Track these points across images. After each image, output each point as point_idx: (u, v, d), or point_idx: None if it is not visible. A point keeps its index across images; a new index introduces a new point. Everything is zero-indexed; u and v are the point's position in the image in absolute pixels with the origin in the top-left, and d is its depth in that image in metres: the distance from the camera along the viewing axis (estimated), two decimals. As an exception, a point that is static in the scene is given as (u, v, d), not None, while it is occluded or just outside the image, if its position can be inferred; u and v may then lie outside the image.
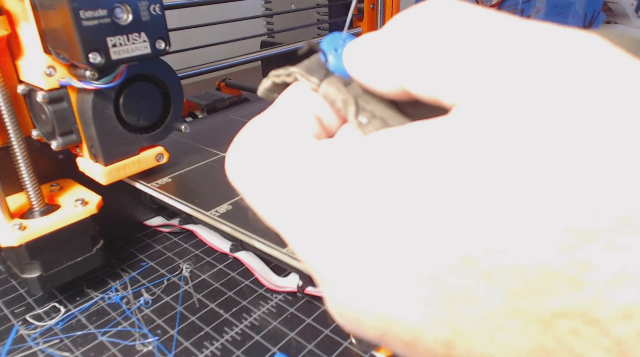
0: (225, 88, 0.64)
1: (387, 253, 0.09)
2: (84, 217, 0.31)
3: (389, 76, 0.11)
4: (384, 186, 0.09)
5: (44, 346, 0.28)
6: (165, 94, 0.32)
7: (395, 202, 0.09)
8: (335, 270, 0.11)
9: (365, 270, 0.10)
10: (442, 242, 0.09)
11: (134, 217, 0.40)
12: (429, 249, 0.09)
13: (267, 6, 0.68)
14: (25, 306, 0.32)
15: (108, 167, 0.30)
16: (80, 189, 0.34)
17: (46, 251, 0.30)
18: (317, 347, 0.27)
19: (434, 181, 0.09)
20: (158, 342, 0.28)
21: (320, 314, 0.30)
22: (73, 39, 0.25)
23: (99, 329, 0.30)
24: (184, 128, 0.33)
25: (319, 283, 0.12)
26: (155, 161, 0.33)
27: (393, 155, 0.10)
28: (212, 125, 0.45)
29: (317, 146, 0.12)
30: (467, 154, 0.09)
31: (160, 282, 0.34)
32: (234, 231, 0.26)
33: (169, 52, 0.29)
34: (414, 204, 0.09)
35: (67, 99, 0.29)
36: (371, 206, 0.10)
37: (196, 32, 0.54)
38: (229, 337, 0.28)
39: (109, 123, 0.29)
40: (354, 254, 0.10)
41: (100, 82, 0.27)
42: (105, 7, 0.25)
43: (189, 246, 0.38)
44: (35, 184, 0.30)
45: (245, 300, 0.31)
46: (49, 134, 0.30)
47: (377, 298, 0.10)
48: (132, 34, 0.27)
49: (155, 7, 0.27)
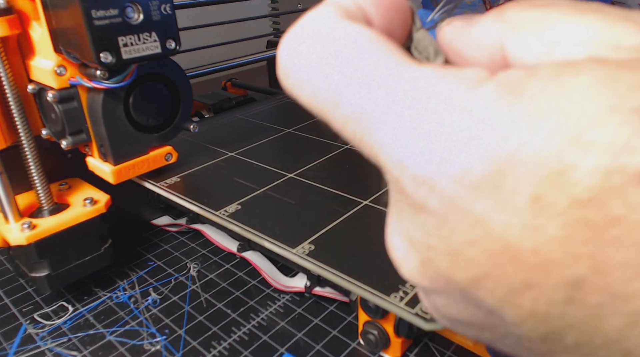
0: (231, 88, 0.64)
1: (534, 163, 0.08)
2: (93, 217, 0.31)
3: (491, 35, 0.12)
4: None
5: (52, 345, 0.28)
6: (174, 93, 0.32)
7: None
8: (453, 171, 0.09)
9: (497, 181, 0.09)
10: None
11: (141, 217, 0.40)
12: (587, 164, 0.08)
13: (273, 6, 0.68)
14: (34, 304, 0.32)
15: (117, 166, 0.30)
16: (89, 188, 0.34)
17: (55, 250, 0.30)
18: (325, 347, 0.27)
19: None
20: (166, 341, 0.28)
21: (328, 315, 0.30)
22: (84, 38, 0.25)
23: (107, 328, 0.30)
24: (192, 128, 0.34)
25: (410, 190, 0.10)
26: (164, 161, 0.33)
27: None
28: (219, 124, 0.45)
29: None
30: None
31: (168, 281, 0.34)
32: (243, 231, 0.26)
33: (179, 52, 0.29)
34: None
35: (77, 98, 0.29)
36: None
37: (203, 32, 0.54)
38: (237, 337, 0.28)
39: (119, 122, 0.29)
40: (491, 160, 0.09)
41: (111, 81, 0.27)
42: (116, 7, 0.25)
43: (196, 246, 0.38)
44: (44, 183, 0.30)
45: (253, 300, 0.31)
46: (58, 133, 0.30)
47: (504, 218, 0.09)
48: (143, 34, 0.27)
49: (165, 6, 0.27)
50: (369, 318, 0.26)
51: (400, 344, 0.26)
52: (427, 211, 0.10)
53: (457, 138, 0.09)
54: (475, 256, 0.09)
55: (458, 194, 0.09)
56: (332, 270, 0.23)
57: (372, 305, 0.25)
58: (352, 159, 0.36)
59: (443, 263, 0.10)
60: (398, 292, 0.21)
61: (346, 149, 0.37)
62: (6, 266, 0.36)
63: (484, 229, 0.09)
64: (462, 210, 0.09)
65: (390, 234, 0.12)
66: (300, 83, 0.12)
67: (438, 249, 0.10)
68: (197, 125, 0.34)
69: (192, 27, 0.51)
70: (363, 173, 0.33)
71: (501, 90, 0.09)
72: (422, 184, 0.10)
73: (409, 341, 0.27)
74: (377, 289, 0.21)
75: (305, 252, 0.24)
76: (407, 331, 0.25)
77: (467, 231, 0.09)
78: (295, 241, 0.25)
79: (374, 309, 0.25)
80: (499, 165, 0.09)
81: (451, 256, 0.10)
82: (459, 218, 0.09)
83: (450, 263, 0.10)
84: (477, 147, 0.09)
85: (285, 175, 0.33)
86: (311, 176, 0.33)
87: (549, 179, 0.08)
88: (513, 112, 0.09)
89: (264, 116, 0.47)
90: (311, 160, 0.35)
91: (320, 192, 0.31)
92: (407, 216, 0.11)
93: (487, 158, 0.09)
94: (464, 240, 0.09)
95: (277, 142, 0.40)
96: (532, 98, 0.09)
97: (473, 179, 0.09)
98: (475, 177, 0.09)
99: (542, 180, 0.08)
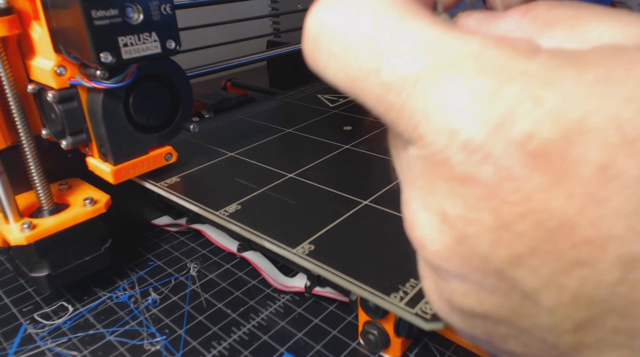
0: (231, 88, 0.64)
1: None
2: (93, 216, 0.31)
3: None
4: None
5: (52, 345, 0.28)
6: (174, 93, 0.32)
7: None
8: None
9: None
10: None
11: (141, 216, 0.40)
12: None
13: (273, 6, 0.68)
14: (33, 304, 0.32)
15: (117, 166, 0.30)
16: (89, 188, 0.34)
17: (55, 250, 0.30)
18: (325, 347, 0.27)
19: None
20: (166, 341, 0.28)
21: (328, 315, 0.30)
22: (84, 38, 0.25)
23: (107, 328, 0.30)
24: (192, 128, 0.34)
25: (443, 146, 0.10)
26: (164, 161, 0.33)
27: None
28: (219, 124, 0.45)
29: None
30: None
31: (168, 281, 0.34)
32: (243, 231, 0.26)
33: (179, 52, 0.29)
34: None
35: (77, 98, 0.29)
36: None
37: (202, 32, 0.54)
38: (237, 337, 0.28)
39: (119, 123, 0.29)
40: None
41: (111, 81, 0.27)
42: (116, 7, 0.25)
43: (196, 246, 0.38)
44: (44, 183, 0.30)
45: (253, 300, 0.31)
46: (58, 133, 0.30)
47: (565, 189, 0.08)
48: (143, 34, 0.27)
49: (166, 6, 0.27)
50: (369, 318, 0.26)
51: (400, 344, 0.26)
52: (475, 182, 0.09)
53: (519, 102, 0.09)
54: (525, 230, 0.09)
55: (516, 161, 0.09)
56: (332, 270, 0.23)
57: (372, 305, 0.25)
58: (352, 159, 0.36)
59: (484, 239, 0.09)
60: (398, 292, 0.21)
61: (346, 149, 0.37)
62: (6, 266, 0.36)
63: (541, 200, 0.09)
64: (519, 179, 0.09)
65: (413, 212, 0.11)
66: (334, 50, 0.11)
67: (481, 224, 0.09)
68: (197, 125, 0.34)
69: (192, 27, 0.51)
70: (363, 173, 0.33)
71: (563, 59, 0.09)
72: (475, 151, 0.09)
73: (409, 341, 0.27)
74: (377, 289, 0.21)
75: (305, 252, 0.24)
76: (407, 331, 0.25)
77: (521, 202, 0.09)
78: (295, 241, 0.25)
79: (374, 309, 0.25)
80: (566, 131, 0.08)
81: (496, 230, 0.09)
82: (513, 188, 0.09)
83: (493, 239, 0.09)
84: (542, 112, 0.08)
85: (285, 175, 0.33)
86: (311, 176, 0.33)
87: (620, 147, 0.08)
88: (583, 79, 0.08)
89: (264, 116, 0.47)
90: (311, 160, 0.35)
91: (320, 192, 0.31)
92: (444, 189, 0.10)
93: (554, 123, 0.08)
94: (515, 212, 0.09)
95: (277, 142, 0.40)
96: (601, 66, 0.08)
97: (536, 145, 0.08)
98: (538, 143, 0.08)
99: (613, 148, 0.08)
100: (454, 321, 0.12)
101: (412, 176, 0.11)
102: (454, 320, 0.12)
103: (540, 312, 0.09)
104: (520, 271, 0.09)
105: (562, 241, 0.08)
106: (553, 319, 0.09)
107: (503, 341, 0.11)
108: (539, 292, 0.09)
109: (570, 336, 0.09)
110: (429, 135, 0.10)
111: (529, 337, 0.10)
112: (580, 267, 0.08)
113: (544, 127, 0.08)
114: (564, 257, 0.09)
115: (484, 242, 0.09)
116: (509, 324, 0.10)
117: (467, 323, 0.12)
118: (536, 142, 0.08)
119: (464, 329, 0.12)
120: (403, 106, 0.10)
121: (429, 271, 0.12)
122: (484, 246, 0.09)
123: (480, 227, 0.09)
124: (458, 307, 0.11)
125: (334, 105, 0.49)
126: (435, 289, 0.12)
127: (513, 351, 0.11)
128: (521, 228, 0.09)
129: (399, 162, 0.12)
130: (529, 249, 0.09)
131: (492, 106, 0.09)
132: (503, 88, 0.09)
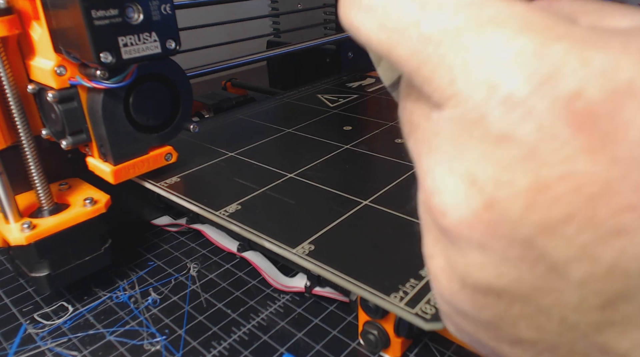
0: (231, 88, 0.64)
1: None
2: (93, 216, 0.31)
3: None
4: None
5: (52, 345, 0.28)
6: (174, 93, 0.32)
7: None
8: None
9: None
10: None
11: (141, 216, 0.40)
12: None
13: (273, 6, 0.68)
14: (33, 304, 0.32)
15: (117, 166, 0.30)
16: (89, 188, 0.34)
17: (55, 250, 0.30)
18: (325, 347, 0.27)
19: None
20: (166, 341, 0.28)
21: (328, 315, 0.30)
22: (84, 38, 0.25)
23: (107, 328, 0.30)
24: (192, 128, 0.34)
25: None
26: (164, 161, 0.33)
27: None
28: (219, 124, 0.45)
29: None
30: None
31: (168, 281, 0.34)
32: (243, 231, 0.26)
33: (179, 52, 0.29)
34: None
35: (77, 98, 0.29)
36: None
37: (202, 32, 0.54)
38: (237, 337, 0.28)
39: (119, 123, 0.29)
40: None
41: (111, 81, 0.27)
42: (116, 7, 0.25)
43: (196, 246, 0.38)
44: (44, 183, 0.30)
45: (253, 300, 0.31)
46: (58, 133, 0.30)
47: (610, 151, 0.08)
48: (143, 34, 0.27)
49: (166, 6, 0.27)
50: (369, 318, 0.26)
51: (400, 344, 0.26)
52: (512, 141, 0.09)
53: (567, 61, 0.08)
54: (563, 194, 0.08)
55: (560, 120, 0.08)
56: (332, 270, 0.23)
57: (372, 305, 0.25)
58: (352, 159, 0.36)
59: (516, 203, 0.09)
60: (398, 292, 0.21)
61: (346, 149, 0.37)
62: (6, 266, 0.36)
63: (583, 162, 0.08)
64: (561, 139, 0.08)
65: (436, 178, 0.11)
66: (373, 3, 0.11)
67: (514, 186, 0.09)
68: (197, 125, 0.34)
69: (192, 27, 0.51)
70: (363, 173, 0.33)
71: (604, 31, 0.09)
72: (516, 107, 0.09)
73: (409, 341, 0.27)
74: (377, 289, 0.21)
75: (305, 252, 0.24)
76: (407, 331, 0.25)
77: (561, 164, 0.08)
78: (295, 241, 0.25)
79: (374, 309, 0.25)
80: (614, 92, 0.08)
81: (531, 193, 0.09)
82: (554, 149, 0.08)
83: (526, 203, 0.09)
84: (590, 72, 0.08)
85: (285, 175, 0.33)
86: (311, 176, 0.33)
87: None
88: (628, 47, 0.08)
89: (264, 116, 0.47)
90: (311, 160, 0.35)
91: (320, 192, 0.31)
92: (476, 151, 0.10)
93: (602, 84, 0.08)
94: (554, 175, 0.08)
95: (277, 142, 0.40)
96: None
97: (582, 104, 0.08)
98: (585, 103, 0.08)
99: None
100: (462, 303, 0.11)
101: (436, 143, 0.11)
102: (462, 301, 0.11)
103: (566, 287, 0.09)
104: (552, 239, 0.09)
105: (602, 207, 0.08)
106: (580, 295, 0.09)
107: (513, 324, 0.11)
108: (570, 264, 0.09)
109: (596, 313, 0.09)
110: (466, 91, 0.09)
111: (546, 318, 0.10)
112: (619, 236, 0.08)
113: (591, 87, 0.08)
114: (602, 225, 0.08)
115: (516, 206, 0.09)
116: (527, 302, 0.10)
117: (477, 304, 0.11)
118: (583, 102, 0.08)
119: (471, 312, 0.11)
120: (441, 60, 0.10)
121: (442, 246, 0.11)
122: (516, 211, 0.09)
123: (513, 190, 0.09)
124: (472, 284, 0.11)
125: (334, 105, 0.49)
126: (446, 267, 0.11)
127: (520, 338, 0.11)
128: (558, 192, 0.08)
129: (419, 134, 0.12)
130: (565, 215, 0.08)
131: (537, 62, 0.09)
132: (550, 46, 0.09)
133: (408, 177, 0.31)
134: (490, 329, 0.11)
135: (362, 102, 0.50)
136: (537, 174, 0.09)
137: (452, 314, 0.12)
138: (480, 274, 0.10)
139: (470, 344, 0.13)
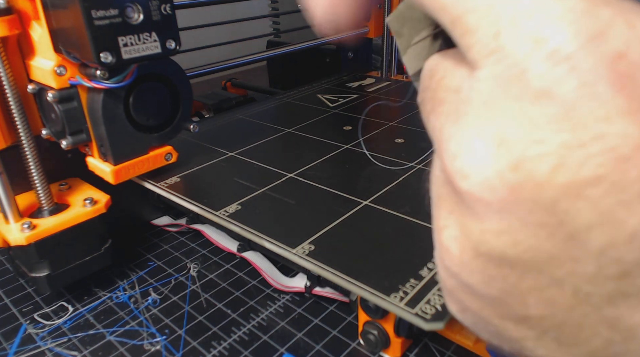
0: (231, 88, 0.64)
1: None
2: (93, 217, 0.31)
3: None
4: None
5: (52, 345, 0.28)
6: (174, 93, 0.32)
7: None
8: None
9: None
10: None
11: (141, 216, 0.40)
12: None
13: (273, 6, 0.68)
14: (33, 304, 0.32)
15: (117, 166, 0.30)
16: (89, 188, 0.34)
17: (55, 250, 0.30)
18: (325, 347, 0.27)
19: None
20: (166, 341, 0.28)
21: (328, 315, 0.30)
22: (84, 38, 0.25)
23: (107, 328, 0.30)
24: (192, 128, 0.34)
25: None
26: (164, 161, 0.33)
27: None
28: (219, 124, 0.45)
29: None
30: None
31: (168, 281, 0.34)
32: (243, 231, 0.26)
33: (179, 52, 0.29)
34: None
35: (77, 98, 0.29)
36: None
37: (202, 32, 0.54)
38: (237, 337, 0.28)
39: (119, 123, 0.29)
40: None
41: (111, 81, 0.27)
42: (116, 7, 0.25)
43: (196, 246, 0.38)
44: (44, 183, 0.30)
45: (253, 300, 0.31)
46: (58, 133, 0.30)
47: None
48: (143, 34, 0.27)
49: (166, 6, 0.27)
50: (369, 318, 0.26)
51: (400, 344, 0.26)
52: (551, 98, 0.09)
53: (613, 22, 0.09)
54: (595, 154, 0.08)
55: (603, 78, 0.08)
56: (332, 270, 0.23)
57: (372, 305, 0.25)
58: (352, 159, 0.36)
59: (544, 163, 0.09)
60: (398, 292, 0.21)
61: (346, 149, 0.37)
62: (6, 266, 0.36)
63: (621, 123, 0.08)
64: (600, 99, 0.08)
65: (459, 142, 0.10)
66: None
67: (545, 145, 0.09)
68: (197, 125, 0.34)
69: (192, 27, 0.51)
70: (363, 173, 0.33)
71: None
72: (561, 62, 0.09)
73: (409, 341, 0.27)
74: (377, 289, 0.21)
75: (305, 252, 0.24)
76: (407, 331, 0.25)
77: (598, 123, 0.08)
78: (295, 241, 0.25)
79: (374, 309, 0.25)
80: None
81: (561, 152, 0.09)
82: (593, 108, 0.08)
83: (555, 163, 0.09)
84: (636, 35, 0.08)
85: (285, 176, 0.33)
86: (311, 176, 0.33)
87: None
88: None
89: (264, 116, 0.47)
90: (311, 160, 0.35)
91: (320, 192, 0.31)
92: (511, 110, 0.09)
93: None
94: (588, 134, 0.08)
95: (277, 142, 0.40)
96: None
97: (625, 65, 0.08)
98: (628, 63, 0.08)
99: None
100: (471, 276, 0.11)
101: (465, 110, 0.11)
102: (472, 273, 0.11)
103: (585, 256, 0.09)
104: (577, 201, 0.09)
105: (632, 171, 0.08)
106: (598, 264, 0.09)
107: (522, 299, 0.10)
108: (591, 230, 0.09)
109: (612, 283, 0.09)
110: (509, 45, 0.09)
111: (559, 290, 0.10)
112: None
113: (636, 49, 0.08)
114: (630, 188, 0.08)
115: (544, 166, 0.09)
116: (540, 273, 0.10)
117: (487, 275, 0.11)
118: (626, 63, 0.08)
119: (479, 286, 0.11)
120: (489, 10, 0.10)
121: (457, 215, 0.11)
122: (543, 171, 0.09)
123: (543, 150, 0.09)
124: (485, 252, 0.10)
125: (334, 105, 0.49)
126: (460, 235, 0.11)
127: (527, 315, 0.10)
128: (590, 151, 0.08)
129: (445, 105, 0.12)
130: (594, 176, 0.08)
131: (586, 20, 0.09)
132: (598, 7, 0.09)
133: (408, 177, 0.31)
134: (496, 305, 0.11)
135: (362, 102, 0.50)
136: (571, 134, 0.08)
137: (458, 289, 0.12)
138: (495, 241, 0.10)
139: (472, 325, 0.13)
